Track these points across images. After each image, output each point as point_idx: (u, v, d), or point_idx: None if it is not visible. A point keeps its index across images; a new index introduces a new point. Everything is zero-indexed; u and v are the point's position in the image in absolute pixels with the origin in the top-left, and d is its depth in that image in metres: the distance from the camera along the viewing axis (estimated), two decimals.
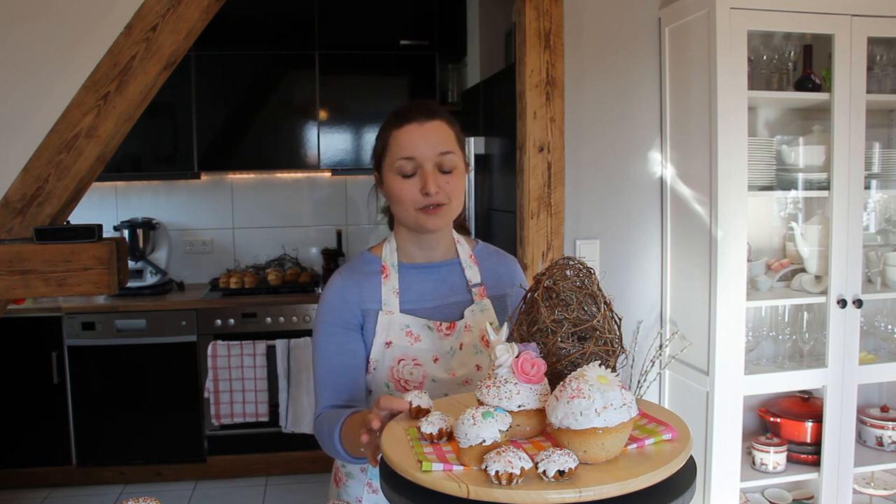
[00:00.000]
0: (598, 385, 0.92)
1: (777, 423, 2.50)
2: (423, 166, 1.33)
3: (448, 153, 1.35)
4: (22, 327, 3.59)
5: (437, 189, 1.33)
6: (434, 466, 0.92)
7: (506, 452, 0.88)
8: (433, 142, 1.34)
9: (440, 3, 4.06)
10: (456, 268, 1.47)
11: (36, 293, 1.75)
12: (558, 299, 1.10)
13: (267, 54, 3.95)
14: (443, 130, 1.36)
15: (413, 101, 1.41)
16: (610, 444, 0.92)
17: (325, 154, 4.03)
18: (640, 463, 0.93)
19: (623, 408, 0.92)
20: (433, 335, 1.38)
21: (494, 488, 0.86)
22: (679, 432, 1.01)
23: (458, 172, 1.37)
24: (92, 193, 2.61)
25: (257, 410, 3.67)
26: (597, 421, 0.90)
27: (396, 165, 1.34)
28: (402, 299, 1.40)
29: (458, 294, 1.44)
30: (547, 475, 0.87)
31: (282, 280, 3.96)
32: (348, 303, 1.39)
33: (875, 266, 2.50)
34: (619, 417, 0.91)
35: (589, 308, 1.10)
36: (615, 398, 0.91)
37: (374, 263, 1.43)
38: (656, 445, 0.98)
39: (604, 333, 1.09)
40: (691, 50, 2.38)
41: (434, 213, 1.35)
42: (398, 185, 1.35)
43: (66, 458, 3.68)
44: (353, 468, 1.45)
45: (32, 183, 1.72)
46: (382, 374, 1.37)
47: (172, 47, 1.73)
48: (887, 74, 2.45)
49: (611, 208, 2.59)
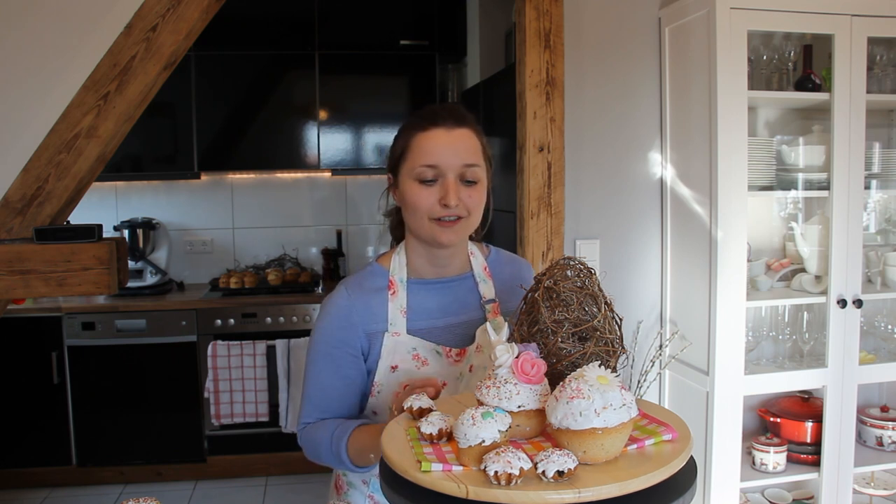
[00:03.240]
0: (598, 385, 0.91)
1: (777, 423, 2.50)
2: (446, 175, 1.25)
3: (474, 165, 1.27)
4: (22, 327, 3.59)
5: (458, 202, 1.25)
6: (433, 467, 0.91)
7: (505, 453, 0.88)
8: (460, 151, 1.26)
9: (440, 3, 4.06)
10: (469, 282, 1.39)
11: (36, 293, 1.74)
12: (559, 299, 1.09)
13: (267, 54, 3.95)
14: (471, 140, 1.29)
15: (442, 104, 1.31)
16: (609, 445, 0.91)
17: (325, 154, 4.03)
18: (640, 463, 0.93)
19: (623, 408, 0.91)
20: (442, 360, 1.32)
21: (493, 489, 0.86)
22: (679, 432, 1.01)
23: (480, 185, 1.29)
24: (92, 193, 2.60)
25: (257, 410, 3.67)
26: (596, 421, 0.89)
27: (417, 171, 1.25)
28: (410, 317, 1.33)
29: (470, 311, 1.36)
30: (546, 476, 0.87)
31: (282, 280, 3.96)
32: (354, 325, 1.31)
33: (875, 266, 2.50)
34: (618, 418, 0.91)
35: (590, 308, 1.09)
36: (615, 398, 0.91)
37: (381, 277, 1.35)
38: (656, 446, 0.98)
39: (604, 334, 1.09)
40: (691, 50, 2.38)
41: (450, 226, 1.27)
42: (415, 191, 1.26)
43: (66, 458, 3.68)
44: (355, 478, 1.41)
45: (32, 183, 1.72)
46: (388, 397, 1.31)
47: (172, 47, 1.73)
48: (887, 74, 2.45)
49: (611, 208, 2.59)
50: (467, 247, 1.41)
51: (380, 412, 1.34)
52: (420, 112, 1.31)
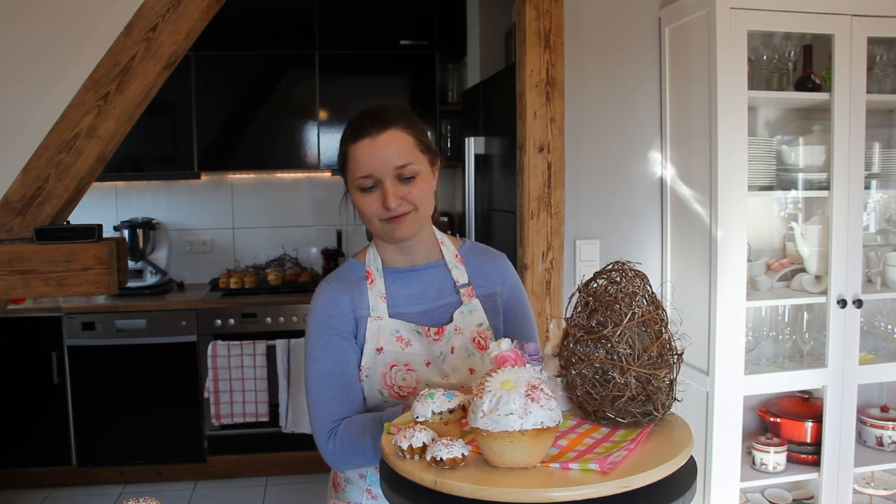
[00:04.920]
0: (498, 389, 0.93)
1: (777, 423, 2.50)
2: (383, 181, 1.29)
3: (406, 165, 1.30)
4: (22, 327, 3.59)
5: (399, 201, 1.30)
6: (392, 430, 1.03)
7: (411, 429, 0.98)
8: (388, 156, 1.29)
9: (440, 3, 4.06)
10: (442, 269, 1.44)
11: (36, 293, 1.75)
12: (627, 308, 1.04)
13: (267, 54, 3.95)
14: (397, 140, 1.30)
15: (366, 110, 1.35)
16: (499, 449, 0.92)
17: (325, 154, 4.03)
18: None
19: (510, 416, 0.90)
20: (423, 340, 1.36)
21: (399, 460, 0.98)
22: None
23: (420, 178, 1.32)
24: (92, 193, 2.60)
25: (257, 410, 3.67)
26: (481, 423, 0.92)
27: (357, 182, 1.31)
28: (389, 304, 1.37)
29: (446, 296, 1.41)
30: (436, 461, 0.93)
31: (282, 280, 3.96)
32: (342, 310, 1.36)
33: (875, 266, 2.50)
34: (504, 425, 0.90)
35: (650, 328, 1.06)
36: (510, 405, 0.91)
37: (359, 269, 1.41)
38: (582, 471, 0.92)
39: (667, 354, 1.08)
40: (691, 50, 2.38)
41: (400, 221, 1.32)
42: (360, 199, 1.32)
43: (66, 458, 3.68)
44: (352, 474, 1.42)
45: (32, 183, 1.72)
46: (375, 380, 1.34)
47: (172, 47, 1.73)
48: (887, 74, 2.45)
49: (611, 208, 2.59)
50: (435, 235, 1.45)
51: (368, 397, 1.36)
52: (352, 120, 1.35)
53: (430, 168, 1.36)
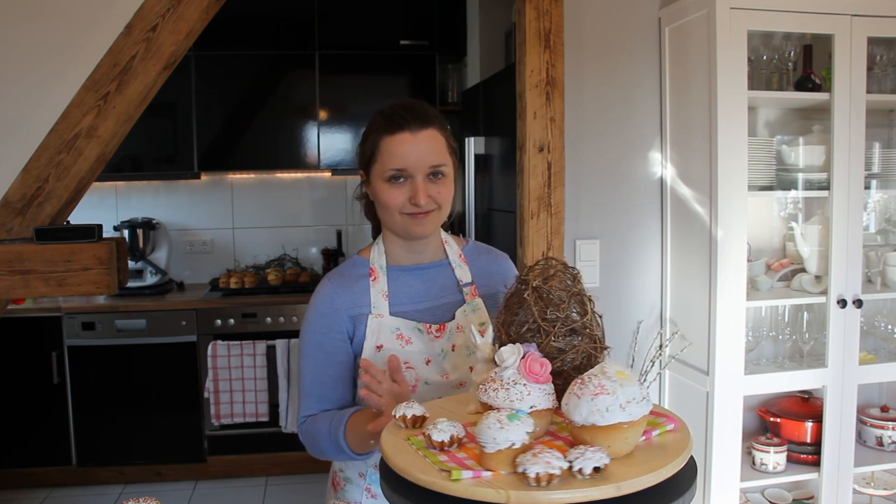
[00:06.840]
0: (619, 380, 0.93)
1: (777, 423, 2.50)
2: (415, 177, 1.31)
3: (440, 164, 1.33)
4: (22, 327, 3.59)
5: (428, 199, 1.32)
6: (463, 475, 0.89)
7: (542, 454, 0.87)
8: (426, 153, 1.31)
9: (440, 3, 4.06)
10: (445, 268, 1.45)
11: (36, 293, 1.75)
12: (548, 299, 1.10)
13: (267, 54, 3.95)
14: (436, 140, 1.33)
15: (404, 105, 1.35)
16: (632, 438, 0.94)
17: (325, 154, 4.03)
18: (655, 454, 0.96)
19: (644, 401, 0.94)
20: (424, 337, 1.36)
21: (534, 490, 0.85)
22: (679, 434, 1.02)
23: (447, 180, 1.35)
24: (92, 193, 2.60)
25: (257, 410, 3.67)
26: (622, 416, 0.91)
27: (387, 174, 1.31)
28: (391, 302, 1.38)
29: (449, 294, 1.42)
30: (583, 473, 0.87)
31: (282, 280, 3.96)
32: (338, 310, 1.37)
33: (875, 266, 2.50)
34: (641, 411, 0.93)
35: (577, 307, 1.12)
36: (635, 392, 0.93)
37: (362, 266, 1.42)
38: (661, 436, 1.02)
39: (592, 331, 1.12)
40: (691, 50, 2.38)
41: (423, 218, 1.34)
42: (386, 191, 1.33)
43: (66, 458, 3.68)
44: (352, 473, 1.43)
45: (32, 183, 1.72)
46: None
47: (172, 47, 1.73)
48: (887, 74, 2.45)
49: (611, 208, 2.59)
50: (440, 233, 1.47)
51: None
52: (386, 112, 1.35)
53: (454, 170, 1.38)
